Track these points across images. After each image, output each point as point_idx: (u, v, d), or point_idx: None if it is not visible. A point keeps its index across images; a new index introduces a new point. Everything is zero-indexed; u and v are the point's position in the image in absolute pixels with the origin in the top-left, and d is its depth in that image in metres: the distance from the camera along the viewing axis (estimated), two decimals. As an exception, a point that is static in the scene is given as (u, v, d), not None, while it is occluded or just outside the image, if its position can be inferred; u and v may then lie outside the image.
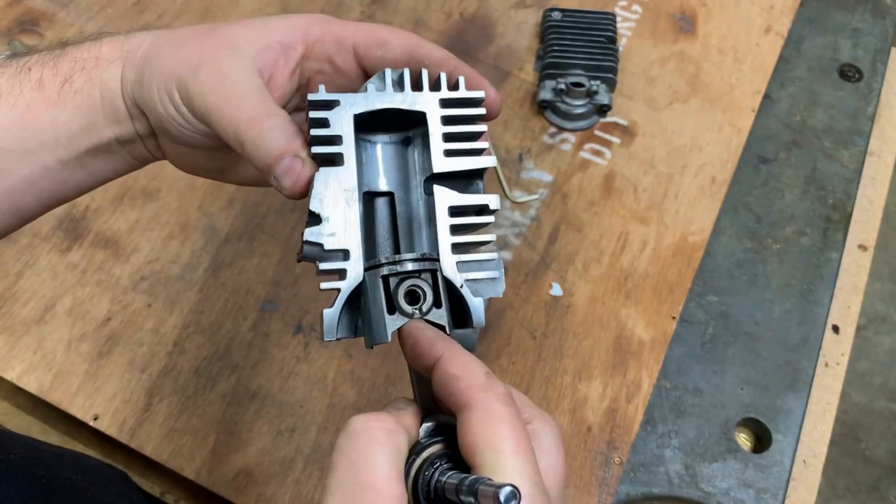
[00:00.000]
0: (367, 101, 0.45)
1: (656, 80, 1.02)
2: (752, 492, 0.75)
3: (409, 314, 0.43)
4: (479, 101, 0.47)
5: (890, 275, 1.99)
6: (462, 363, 0.40)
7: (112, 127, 0.51)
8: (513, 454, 0.37)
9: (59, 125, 0.49)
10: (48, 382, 0.75)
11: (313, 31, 0.49)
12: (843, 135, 0.99)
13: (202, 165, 0.54)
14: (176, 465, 0.72)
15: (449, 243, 0.45)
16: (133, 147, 0.53)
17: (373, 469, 0.36)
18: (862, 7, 1.11)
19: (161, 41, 0.50)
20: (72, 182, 0.52)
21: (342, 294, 0.43)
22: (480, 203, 0.46)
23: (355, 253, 0.44)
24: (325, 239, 0.43)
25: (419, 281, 0.44)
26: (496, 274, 0.45)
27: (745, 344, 0.83)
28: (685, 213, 0.90)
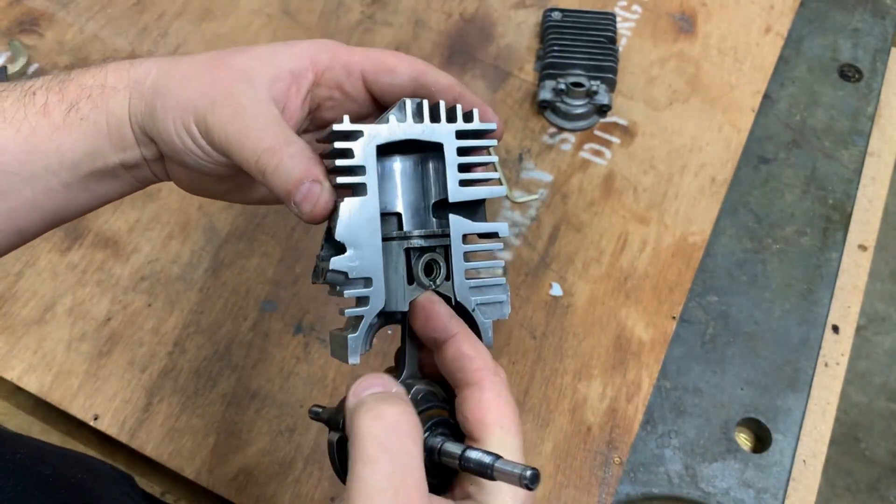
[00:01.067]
0: (390, 132, 0.47)
1: (656, 80, 1.02)
2: (751, 492, 0.75)
3: (426, 285, 0.47)
4: (491, 132, 0.50)
5: (890, 275, 1.99)
6: (474, 345, 0.45)
7: (117, 153, 0.51)
8: (515, 434, 0.42)
9: (64, 151, 0.50)
10: (48, 382, 0.75)
11: (322, 59, 0.51)
12: (843, 135, 0.99)
13: (209, 189, 0.54)
14: (176, 465, 0.72)
15: (463, 269, 0.48)
16: (138, 171, 0.53)
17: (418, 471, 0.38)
18: (862, 7, 1.11)
19: (169, 71, 0.50)
20: (74, 203, 0.53)
21: (365, 320, 0.46)
22: (491, 231, 0.49)
23: (377, 280, 0.46)
24: (350, 267, 0.45)
25: (435, 255, 0.48)
26: (503, 297, 0.49)
27: (745, 344, 0.83)
28: (685, 213, 0.90)
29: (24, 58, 0.94)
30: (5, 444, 0.58)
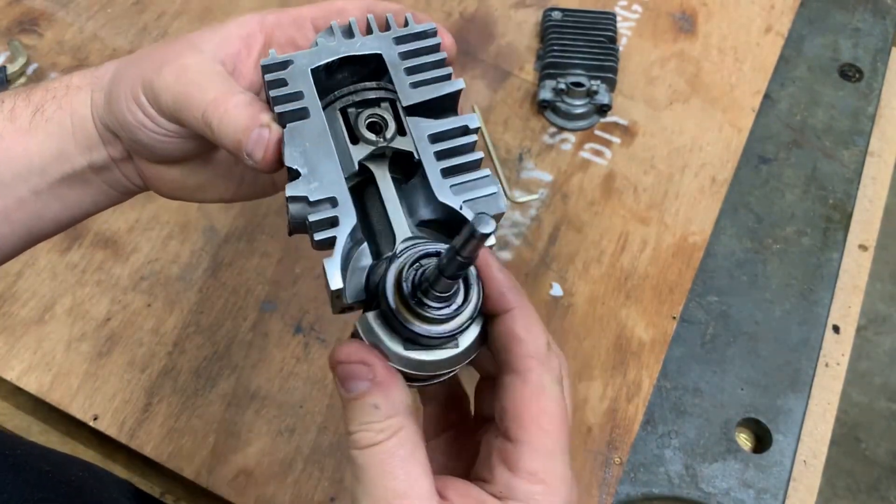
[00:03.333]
0: (320, 53, 0.45)
1: (656, 80, 1.02)
2: (752, 492, 0.75)
3: (374, 142, 0.43)
4: (432, 33, 0.47)
5: (890, 275, 1.99)
6: (528, 325, 0.40)
7: (84, 154, 0.51)
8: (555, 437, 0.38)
9: (32, 154, 0.49)
10: (48, 382, 0.75)
11: (269, 19, 0.50)
12: (844, 135, 0.99)
13: (181, 185, 0.53)
14: (176, 465, 0.72)
15: (438, 169, 0.44)
16: (109, 175, 0.53)
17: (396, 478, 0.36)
18: (862, 7, 1.11)
19: (126, 60, 0.50)
20: (48, 214, 0.52)
21: (339, 240, 0.42)
22: (459, 125, 0.45)
23: (343, 199, 0.42)
24: (309, 190, 0.42)
25: (379, 110, 0.44)
26: (493, 189, 0.44)
27: (745, 344, 0.83)
28: (685, 213, 0.90)
29: (23, 58, 0.94)
30: (5, 442, 0.58)
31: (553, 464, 0.38)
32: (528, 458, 0.37)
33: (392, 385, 0.38)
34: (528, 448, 0.38)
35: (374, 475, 0.37)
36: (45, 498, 0.54)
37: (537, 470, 0.37)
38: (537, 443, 0.38)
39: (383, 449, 0.37)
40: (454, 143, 0.45)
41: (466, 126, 0.45)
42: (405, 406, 0.38)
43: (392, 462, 0.37)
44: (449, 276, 0.36)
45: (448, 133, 0.45)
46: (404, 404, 0.38)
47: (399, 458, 0.37)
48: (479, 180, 0.44)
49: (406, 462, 0.37)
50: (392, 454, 0.37)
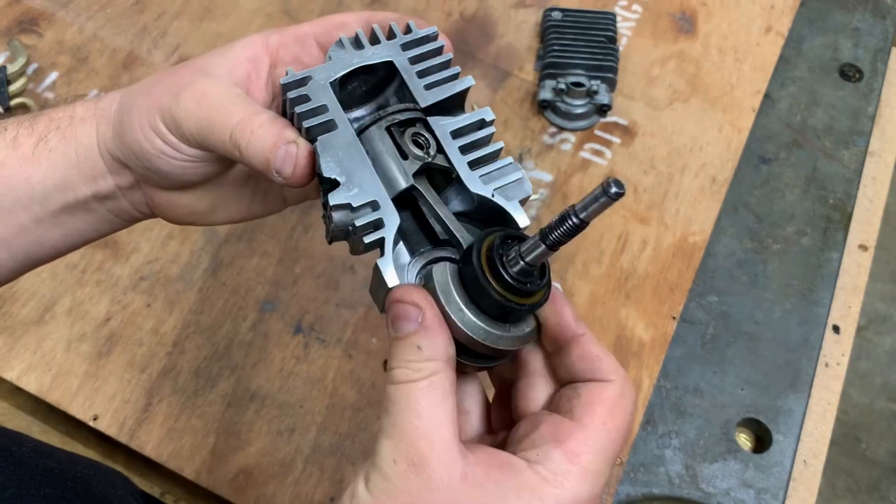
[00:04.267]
0: (336, 66, 0.47)
1: (656, 80, 1.02)
2: (752, 492, 0.75)
3: (421, 157, 0.46)
4: (435, 36, 0.49)
5: (890, 275, 1.99)
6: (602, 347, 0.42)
7: (88, 184, 0.51)
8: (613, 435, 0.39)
9: (34, 183, 0.50)
10: (48, 382, 0.75)
11: (273, 39, 0.51)
12: (844, 135, 0.99)
13: (191, 209, 0.54)
14: (176, 465, 0.72)
15: (465, 163, 0.46)
16: (114, 203, 0.53)
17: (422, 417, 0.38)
18: (862, 7, 1.11)
19: (132, 91, 0.51)
20: (47, 241, 0.52)
21: (388, 239, 0.44)
22: (476, 119, 0.47)
23: (384, 200, 0.44)
24: (350, 197, 0.44)
25: (418, 129, 0.47)
26: (519, 175, 0.47)
27: (745, 344, 0.83)
28: (685, 213, 0.90)
29: (23, 58, 0.94)
30: (12, 439, 0.58)
31: (598, 457, 0.38)
32: (580, 439, 0.38)
33: (438, 331, 0.40)
34: (585, 432, 0.38)
35: (401, 410, 0.38)
36: (52, 494, 0.54)
37: (582, 452, 0.38)
38: (594, 432, 0.39)
39: (416, 387, 0.38)
40: (475, 137, 0.47)
41: (483, 119, 0.47)
42: (447, 356, 0.39)
43: (421, 402, 0.38)
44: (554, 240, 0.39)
45: (467, 128, 0.47)
46: (446, 354, 0.39)
47: (428, 400, 0.38)
48: (503, 168, 0.47)
49: (434, 406, 0.38)
50: (423, 394, 0.38)
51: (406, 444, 0.37)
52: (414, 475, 0.37)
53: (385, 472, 0.37)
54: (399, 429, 0.38)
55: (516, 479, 0.37)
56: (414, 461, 0.37)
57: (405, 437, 0.37)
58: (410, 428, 0.38)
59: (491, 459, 0.39)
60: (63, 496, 0.55)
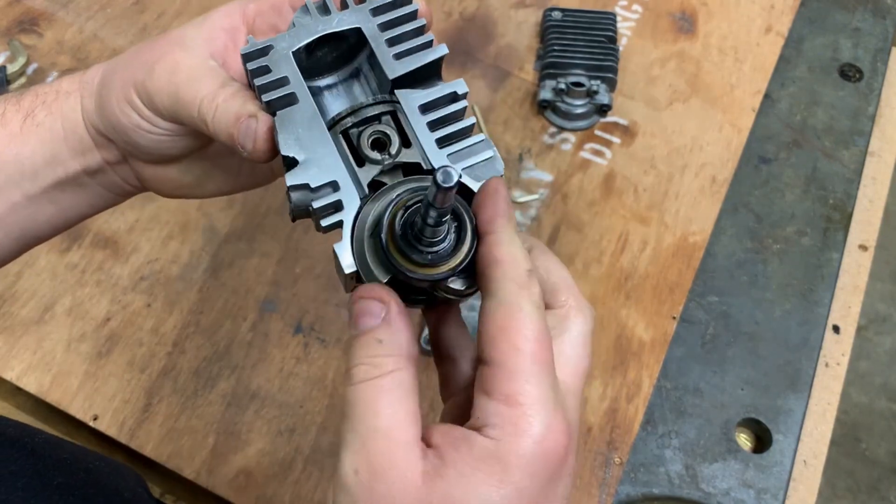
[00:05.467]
0: (299, 34, 0.45)
1: (656, 80, 1.02)
2: (752, 492, 0.75)
3: (379, 161, 0.43)
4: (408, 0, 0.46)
5: (890, 275, 1.99)
6: (509, 250, 0.38)
7: (77, 158, 0.51)
8: (531, 358, 0.36)
9: (23, 159, 0.50)
10: (48, 382, 0.75)
11: (249, 8, 0.50)
12: (844, 135, 0.99)
13: (179, 183, 0.53)
14: (175, 465, 0.72)
15: (433, 140, 0.43)
16: (104, 177, 0.53)
17: (380, 416, 0.36)
18: (862, 7, 1.11)
19: (113, 63, 0.51)
20: (42, 218, 0.52)
21: (346, 224, 0.41)
22: (448, 92, 0.44)
23: (344, 181, 0.42)
24: (309, 177, 0.41)
25: (381, 126, 0.43)
26: (490, 153, 0.43)
27: (745, 344, 0.83)
28: (685, 213, 0.90)
29: (23, 57, 0.94)
30: (24, 430, 0.58)
31: (530, 386, 0.36)
32: (503, 380, 0.36)
33: (401, 327, 0.38)
34: (503, 370, 0.36)
35: (361, 411, 0.36)
36: (64, 483, 0.54)
37: (513, 392, 0.35)
38: (512, 364, 0.36)
39: (375, 385, 0.36)
40: (446, 111, 0.44)
41: (455, 93, 0.44)
42: (408, 353, 0.38)
43: (381, 400, 0.36)
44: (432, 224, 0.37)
45: (437, 102, 0.44)
46: (408, 350, 0.38)
47: (388, 398, 0.36)
48: (474, 146, 0.44)
49: (394, 403, 0.36)
50: (383, 391, 0.36)
51: (366, 449, 0.36)
52: (376, 483, 0.35)
53: (347, 487, 0.36)
54: (358, 434, 0.36)
55: (472, 451, 0.35)
56: (374, 468, 0.35)
57: (365, 443, 0.36)
58: (370, 430, 0.36)
59: (446, 439, 0.36)
60: (75, 485, 0.55)
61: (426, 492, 0.35)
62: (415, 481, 0.35)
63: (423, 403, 0.75)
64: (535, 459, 0.35)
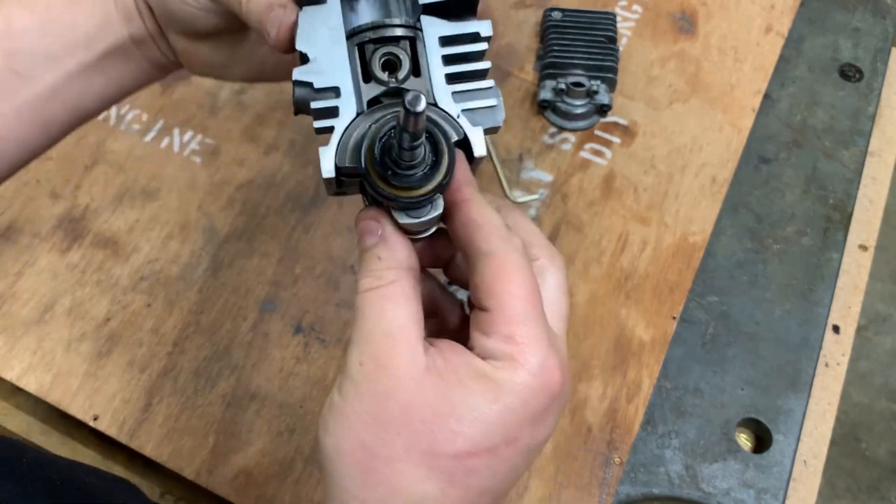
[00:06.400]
0: None
1: (656, 80, 1.02)
2: (752, 492, 0.75)
3: (385, 82, 0.43)
4: None
5: (890, 275, 1.99)
6: (485, 212, 0.42)
7: (125, 24, 0.52)
8: (526, 302, 0.39)
9: (78, 25, 0.50)
10: (48, 382, 0.75)
11: None
12: (844, 135, 0.99)
13: (208, 60, 0.54)
14: (176, 465, 0.72)
15: (442, 74, 0.44)
16: (147, 49, 0.54)
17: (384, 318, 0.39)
18: (862, 7, 1.11)
19: None
20: (92, 91, 0.53)
21: (336, 131, 0.42)
22: (472, 31, 0.44)
23: (346, 90, 0.42)
24: (315, 77, 0.42)
25: (396, 49, 0.44)
26: (494, 102, 0.44)
27: (745, 344, 0.83)
28: (685, 213, 0.90)
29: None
30: (11, 451, 0.57)
31: (527, 328, 0.39)
32: (502, 323, 0.39)
33: (396, 242, 0.42)
34: (501, 314, 0.39)
35: (367, 315, 0.40)
36: None
37: (512, 333, 0.39)
38: (509, 309, 0.39)
39: (379, 293, 0.40)
40: (463, 49, 0.44)
41: (478, 33, 0.45)
42: (406, 264, 0.41)
43: (384, 305, 0.39)
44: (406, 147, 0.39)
45: (459, 38, 0.44)
46: (406, 262, 0.41)
47: (391, 303, 0.40)
48: (482, 91, 0.44)
49: (396, 308, 0.39)
50: (386, 298, 0.40)
51: (371, 345, 0.39)
52: (380, 374, 0.38)
53: (353, 377, 0.39)
54: (364, 333, 0.39)
55: (471, 368, 0.38)
56: (379, 360, 0.38)
57: (370, 339, 0.39)
58: (375, 330, 0.39)
59: (452, 350, 0.39)
60: None
61: (424, 387, 0.38)
62: (416, 376, 0.38)
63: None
64: (529, 389, 0.38)
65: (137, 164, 0.90)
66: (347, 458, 0.38)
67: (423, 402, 0.37)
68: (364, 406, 0.38)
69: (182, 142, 0.92)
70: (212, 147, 0.91)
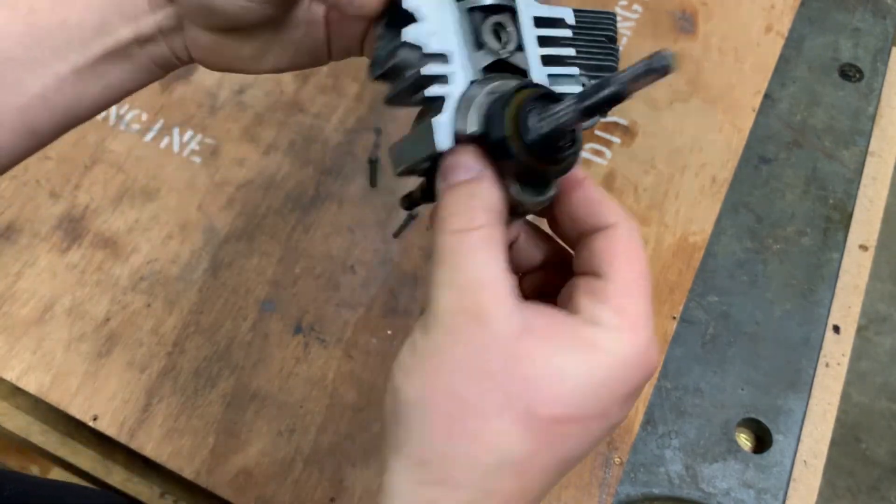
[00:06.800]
0: None
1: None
2: (752, 492, 0.75)
3: (496, 51, 0.41)
4: None
5: (891, 275, 1.99)
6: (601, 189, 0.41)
7: (128, 24, 0.47)
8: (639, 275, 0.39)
9: (70, 26, 0.46)
10: (47, 383, 0.75)
11: None
12: (844, 135, 0.99)
13: (237, 54, 0.50)
14: (175, 465, 0.72)
15: (538, 54, 0.42)
16: (154, 47, 0.49)
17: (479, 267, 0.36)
18: (862, 7, 1.11)
19: None
20: (87, 96, 0.48)
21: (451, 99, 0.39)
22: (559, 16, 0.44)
23: (460, 56, 0.40)
24: (427, 38, 0.39)
25: (503, 18, 0.42)
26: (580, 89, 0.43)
27: (745, 344, 0.83)
28: (685, 213, 0.90)
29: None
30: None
31: (639, 303, 0.38)
32: (618, 292, 0.38)
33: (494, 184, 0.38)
34: (618, 284, 0.38)
35: (460, 260, 0.37)
36: None
37: (625, 305, 0.37)
38: (627, 280, 0.38)
39: (472, 236, 0.37)
40: (554, 33, 0.43)
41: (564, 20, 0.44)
42: (500, 210, 0.38)
43: (480, 253, 0.37)
44: (588, 108, 0.37)
45: (550, 21, 0.43)
46: (500, 208, 0.38)
47: (486, 252, 0.37)
48: (570, 77, 0.43)
49: (493, 258, 0.37)
50: (481, 245, 0.37)
51: (466, 293, 0.36)
52: (476, 326, 0.36)
53: (446, 324, 0.36)
54: (456, 278, 0.36)
55: (574, 333, 0.37)
56: (476, 313, 0.36)
57: (465, 287, 0.36)
58: (472, 278, 0.36)
59: (551, 311, 0.38)
60: None
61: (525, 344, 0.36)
62: (514, 331, 0.36)
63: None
64: (631, 366, 0.37)
65: (137, 163, 0.90)
66: (436, 407, 0.35)
67: (524, 359, 0.35)
68: (460, 355, 0.35)
69: (182, 142, 0.92)
70: (211, 147, 0.91)
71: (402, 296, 0.82)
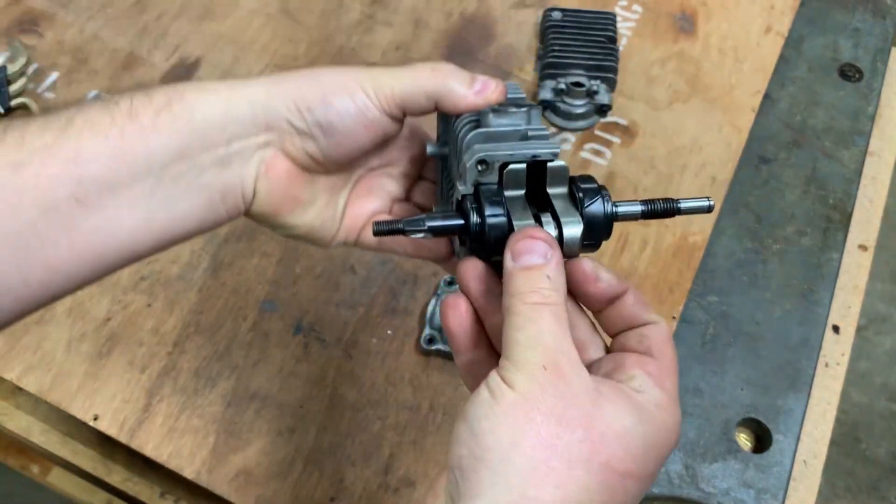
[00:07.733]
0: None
1: (656, 80, 1.02)
2: (752, 492, 0.75)
3: None
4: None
5: (890, 275, 1.99)
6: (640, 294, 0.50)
7: (208, 150, 0.48)
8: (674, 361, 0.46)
9: (152, 152, 0.46)
10: (48, 382, 0.75)
11: None
12: (844, 135, 0.99)
13: (298, 193, 0.52)
14: (176, 465, 0.72)
15: None
16: (228, 173, 0.49)
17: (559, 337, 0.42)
18: (862, 7, 1.11)
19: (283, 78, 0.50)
20: (151, 225, 0.48)
21: None
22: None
23: None
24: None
25: None
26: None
27: (745, 344, 0.83)
28: (685, 213, 0.90)
29: (23, 58, 0.94)
30: None
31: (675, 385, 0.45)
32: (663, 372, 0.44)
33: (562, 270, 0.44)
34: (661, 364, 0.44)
35: (541, 326, 0.41)
36: None
37: (668, 385, 0.44)
38: (668, 364, 0.45)
39: (549, 309, 0.42)
40: None
41: None
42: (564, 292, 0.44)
43: (555, 324, 0.41)
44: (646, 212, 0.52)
45: None
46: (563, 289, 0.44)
47: (559, 325, 0.42)
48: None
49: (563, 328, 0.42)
50: (555, 318, 0.42)
51: (551, 353, 0.40)
52: (561, 383, 0.40)
53: (535, 376, 0.40)
54: (541, 340, 0.41)
55: (634, 401, 0.42)
56: (560, 371, 0.40)
57: (549, 347, 0.40)
58: (552, 343, 0.41)
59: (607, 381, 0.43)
60: None
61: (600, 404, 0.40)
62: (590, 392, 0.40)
63: (424, 402, 0.75)
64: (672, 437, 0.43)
65: (137, 164, 0.90)
66: (525, 453, 0.38)
67: (601, 417, 0.40)
68: (550, 405, 0.39)
69: (182, 142, 0.92)
70: (212, 147, 0.91)
71: (402, 296, 0.82)
